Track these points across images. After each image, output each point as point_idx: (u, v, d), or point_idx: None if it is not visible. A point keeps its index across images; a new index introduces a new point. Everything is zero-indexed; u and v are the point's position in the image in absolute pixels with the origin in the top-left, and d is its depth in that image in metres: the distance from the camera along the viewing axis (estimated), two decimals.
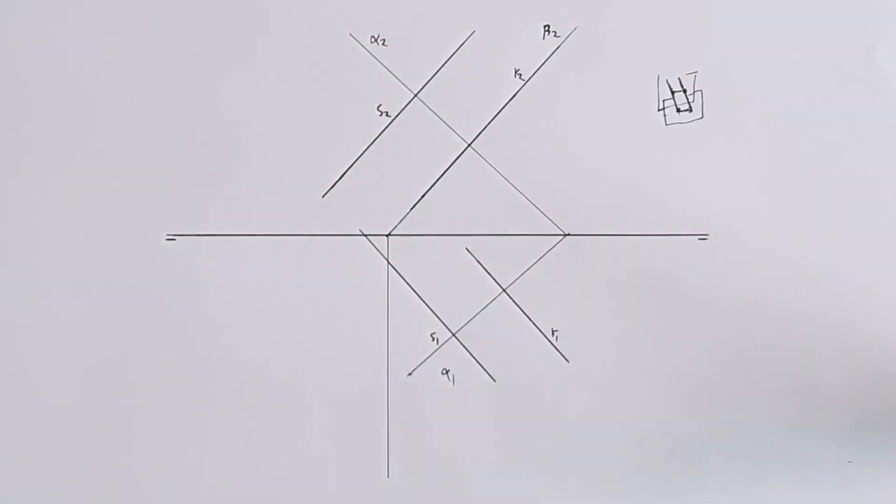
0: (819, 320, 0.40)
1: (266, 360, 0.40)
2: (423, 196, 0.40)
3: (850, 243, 0.40)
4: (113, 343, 0.39)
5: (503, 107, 0.39)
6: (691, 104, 0.39)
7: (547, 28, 0.39)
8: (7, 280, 0.39)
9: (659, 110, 0.39)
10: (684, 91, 0.39)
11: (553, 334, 0.40)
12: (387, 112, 0.39)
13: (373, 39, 0.39)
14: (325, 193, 0.39)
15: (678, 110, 0.39)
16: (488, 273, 0.40)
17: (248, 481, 0.40)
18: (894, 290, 0.40)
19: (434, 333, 0.40)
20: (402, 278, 0.40)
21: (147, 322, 0.39)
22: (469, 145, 0.39)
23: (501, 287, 0.40)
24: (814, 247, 0.40)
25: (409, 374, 0.40)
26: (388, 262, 0.40)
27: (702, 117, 0.39)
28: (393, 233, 0.40)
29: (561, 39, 0.39)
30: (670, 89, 0.39)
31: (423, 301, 0.40)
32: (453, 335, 0.40)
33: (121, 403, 0.40)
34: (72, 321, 0.39)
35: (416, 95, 0.39)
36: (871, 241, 0.40)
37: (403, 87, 0.39)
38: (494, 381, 0.40)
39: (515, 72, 0.39)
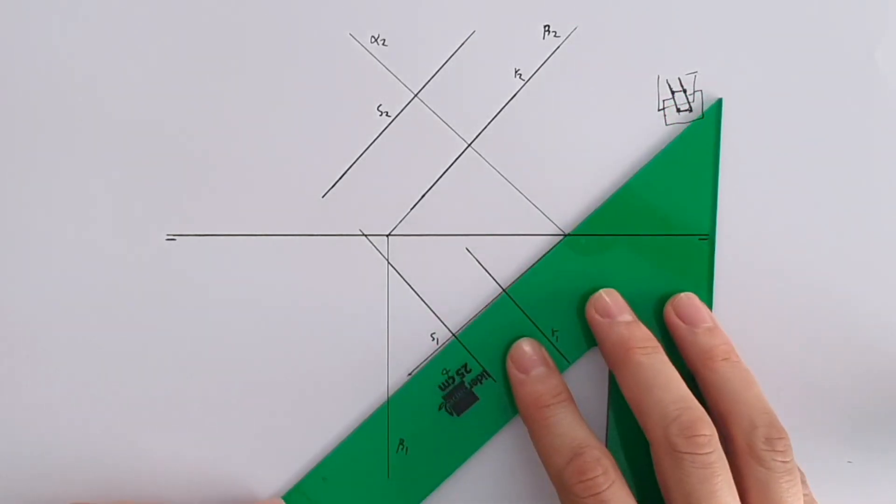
0: (819, 320, 0.40)
1: (266, 361, 0.40)
2: (423, 196, 0.40)
3: (850, 243, 0.40)
4: (112, 343, 0.39)
5: (503, 107, 0.39)
6: (691, 104, 0.39)
7: (547, 28, 0.39)
8: (6, 280, 0.39)
9: (659, 110, 0.39)
10: (684, 91, 0.39)
11: (553, 334, 0.40)
12: (387, 112, 0.39)
13: (373, 39, 0.39)
14: (325, 193, 0.39)
15: (678, 110, 0.39)
16: (488, 273, 0.40)
17: (249, 481, 0.40)
18: (894, 289, 0.40)
19: (434, 333, 0.40)
20: (402, 278, 0.40)
21: (147, 322, 0.39)
22: (469, 145, 0.39)
23: (501, 287, 0.40)
24: (814, 247, 0.40)
25: (409, 374, 0.40)
26: (388, 262, 0.40)
27: (702, 117, 0.39)
28: (393, 233, 0.40)
29: (561, 39, 0.39)
30: (670, 89, 0.39)
31: (423, 301, 0.40)
32: (453, 335, 0.40)
33: (120, 404, 0.40)
34: (71, 321, 0.39)
35: (416, 95, 0.39)
36: (871, 241, 0.40)
37: (403, 87, 0.39)
38: (494, 381, 0.40)
39: (515, 72, 0.39)
